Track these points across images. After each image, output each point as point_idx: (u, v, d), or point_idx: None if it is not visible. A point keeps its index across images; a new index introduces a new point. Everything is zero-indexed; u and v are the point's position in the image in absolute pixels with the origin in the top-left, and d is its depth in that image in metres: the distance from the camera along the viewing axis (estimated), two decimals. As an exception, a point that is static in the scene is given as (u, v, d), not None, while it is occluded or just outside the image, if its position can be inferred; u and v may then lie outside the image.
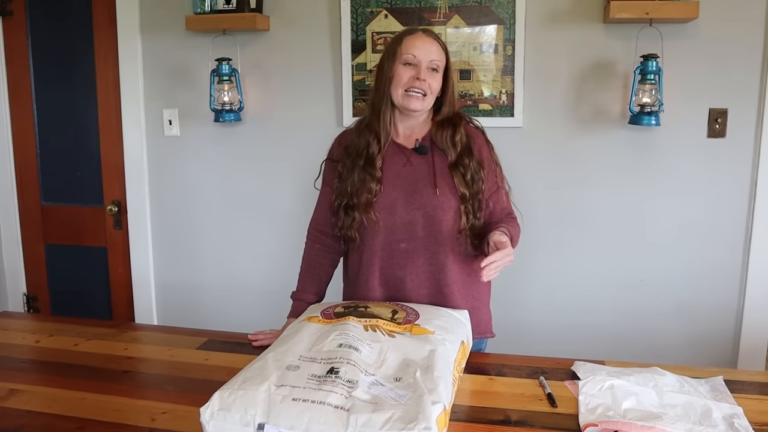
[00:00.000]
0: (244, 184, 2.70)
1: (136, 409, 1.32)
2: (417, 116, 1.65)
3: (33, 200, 2.98)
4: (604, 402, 1.29)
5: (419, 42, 1.60)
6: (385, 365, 1.20)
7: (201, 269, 2.80)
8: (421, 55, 1.58)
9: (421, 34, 1.61)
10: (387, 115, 1.64)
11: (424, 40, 1.60)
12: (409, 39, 1.61)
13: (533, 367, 1.50)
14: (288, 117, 2.61)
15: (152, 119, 2.74)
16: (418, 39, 1.60)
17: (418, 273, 1.62)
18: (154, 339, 1.78)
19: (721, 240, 2.36)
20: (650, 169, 2.36)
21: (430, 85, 1.59)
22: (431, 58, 1.59)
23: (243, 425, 1.05)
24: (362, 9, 2.44)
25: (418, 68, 1.58)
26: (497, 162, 1.70)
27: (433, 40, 1.61)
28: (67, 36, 2.80)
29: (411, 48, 1.59)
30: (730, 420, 1.22)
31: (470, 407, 1.31)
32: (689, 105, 2.29)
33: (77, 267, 3.00)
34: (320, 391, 1.08)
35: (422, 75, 1.58)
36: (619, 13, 2.16)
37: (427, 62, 1.58)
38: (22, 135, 2.94)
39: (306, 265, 1.77)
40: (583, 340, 2.46)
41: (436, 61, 1.60)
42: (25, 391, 1.40)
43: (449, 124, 1.65)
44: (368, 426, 1.01)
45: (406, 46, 1.60)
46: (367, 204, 1.60)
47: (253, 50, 2.59)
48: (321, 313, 1.43)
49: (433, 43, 1.61)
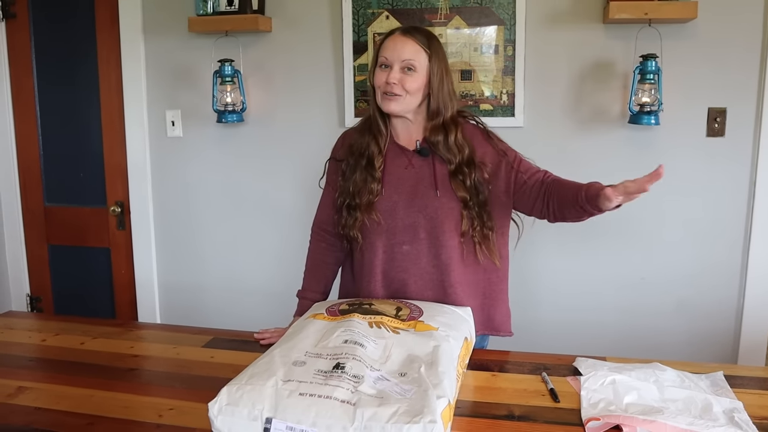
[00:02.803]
0: (246, 185, 2.71)
1: (143, 405, 1.34)
2: (408, 117, 1.62)
3: (36, 201, 3.00)
4: (605, 397, 1.30)
5: (391, 43, 1.58)
6: (390, 361, 1.21)
7: (204, 270, 2.82)
8: (393, 55, 1.56)
9: (397, 35, 1.59)
10: (378, 119, 1.64)
11: (396, 40, 1.58)
12: (385, 41, 1.60)
13: (535, 364, 1.51)
14: (290, 118, 2.63)
15: (155, 120, 2.76)
16: (391, 40, 1.59)
17: (422, 275, 1.62)
18: (159, 337, 1.79)
19: (720, 238, 2.37)
20: (650, 168, 2.30)
21: (403, 86, 1.56)
22: (404, 58, 1.56)
23: (251, 420, 1.06)
24: (363, 10, 2.46)
25: (389, 70, 1.57)
26: (505, 150, 1.64)
27: (407, 39, 1.57)
28: (70, 38, 2.82)
29: (383, 50, 1.59)
30: (731, 414, 1.23)
31: (474, 402, 1.32)
32: (688, 104, 2.31)
33: (80, 268, 3.01)
34: (327, 386, 1.09)
35: (391, 77, 1.55)
36: (618, 13, 2.17)
37: (400, 62, 1.56)
38: (26, 136, 2.95)
39: (311, 264, 1.78)
40: (585, 338, 2.47)
41: (410, 60, 1.56)
42: (33, 388, 1.42)
43: (441, 130, 1.60)
44: (374, 420, 1.02)
45: (382, 48, 1.59)
46: (368, 204, 1.60)
47: (255, 51, 2.60)
48: (326, 310, 1.45)
49: (408, 42, 1.57)
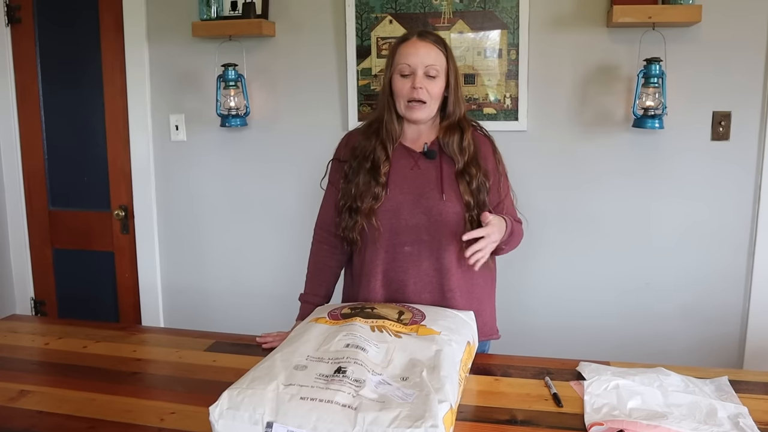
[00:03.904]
0: (250, 189, 2.71)
1: (145, 409, 1.34)
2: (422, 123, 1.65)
3: (41, 205, 3.00)
4: (609, 402, 1.29)
5: (412, 49, 1.58)
6: (392, 365, 1.21)
7: (208, 273, 2.82)
8: (416, 62, 1.56)
9: (415, 40, 1.59)
10: (392, 124, 1.64)
11: (417, 46, 1.58)
12: (402, 47, 1.60)
13: (538, 368, 1.50)
14: (294, 122, 2.63)
15: (159, 124, 2.76)
16: (411, 46, 1.58)
17: (422, 276, 1.62)
18: (161, 341, 1.79)
19: (725, 243, 2.36)
20: (654, 172, 2.37)
21: (429, 92, 1.57)
22: (427, 64, 1.57)
23: (252, 424, 1.06)
24: (367, 15, 2.46)
25: (414, 77, 1.57)
26: (503, 173, 1.68)
27: (428, 44, 1.58)
28: (74, 43, 2.83)
29: (405, 57, 1.58)
30: (735, 419, 1.22)
31: (476, 407, 1.32)
32: (693, 108, 2.30)
33: (84, 271, 3.01)
34: (328, 390, 1.09)
35: (417, 84, 1.56)
36: (622, 17, 2.17)
37: (423, 69, 1.57)
38: (30, 141, 2.96)
39: (313, 267, 1.78)
40: (588, 343, 2.46)
41: (433, 66, 1.57)
42: (36, 392, 1.42)
43: (456, 129, 1.63)
44: (376, 424, 1.02)
45: (401, 55, 1.59)
46: (369, 210, 1.60)
47: (258, 56, 2.61)
48: (328, 314, 1.44)
49: (429, 47, 1.58)
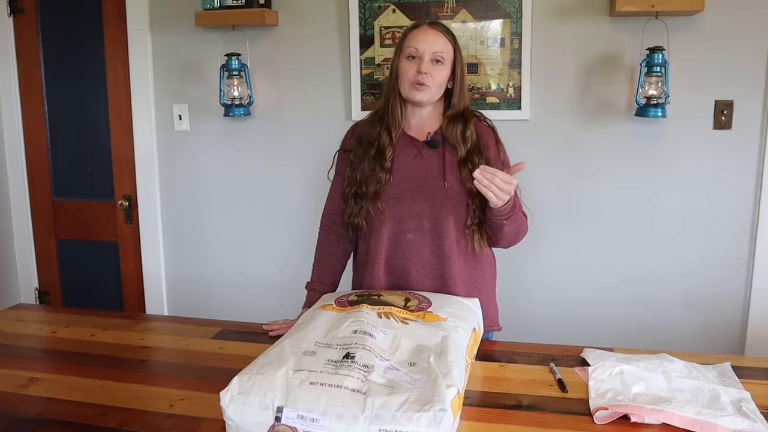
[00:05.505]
0: (254, 178, 2.72)
1: (154, 395, 1.35)
2: (426, 108, 1.67)
3: (44, 195, 3.01)
4: (613, 387, 1.31)
5: (422, 35, 1.62)
6: (400, 351, 1.22)
7: (212, 263, 2.83)
8: (424, 47, 1.60)
9: (426, 27, 1.63)
10: (397, 109, 1.67)
11: (427, 32, 1.62)
12: (413, 33, 1.63)
13: (543, 354, 1.52)
14: (297, 111, 2.63)
15: (162, 114, 2.77)
16: (421, 32, 1.62)
17: (423, 264, 1.63)
18: (168, 329, 1.80)
19: (727, 231, 2.37)
20: (657, 161, 2.37)
21: (433, 77, 1.60)
22: (434, 50, 1.60)
23: (262, 408, 1.07)
24: (370, 4, 2.46)
25: (420, 61, 1.60)
26: (505, 162, 1.69)
27: (437, 32, 1.62)
28: (77, 33, 2.83)
29: (413, 41, 1.62)
30: (738, 404, 1.23)
31: (482, 392, 1.33)
32: (695, 97, 2.30)
33: (88, 261, 3.03)
34: (337, 375, 1.10)
35: (423, 67, 1.59)
36: (625, 6, 2.17)
37: (430, 54, 1.60)
38: (33, 131, 2.97)
39: (320, 256, 1.79)
40: (592, 332, 2.47)
41: (440, 53, 1.61)
42: (45, 379, 1.43)
43: (460, 119, 1.66)
44: (385, 408, 1.03)
45: (410, 39, 1.63)
46: (375, 193, 1.62)
47: (262, 45, 2.61)
48: (335, 301, 1.46)
49: (438, 35, 1.62)
